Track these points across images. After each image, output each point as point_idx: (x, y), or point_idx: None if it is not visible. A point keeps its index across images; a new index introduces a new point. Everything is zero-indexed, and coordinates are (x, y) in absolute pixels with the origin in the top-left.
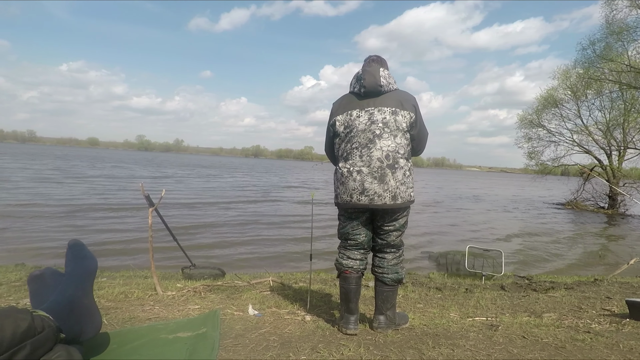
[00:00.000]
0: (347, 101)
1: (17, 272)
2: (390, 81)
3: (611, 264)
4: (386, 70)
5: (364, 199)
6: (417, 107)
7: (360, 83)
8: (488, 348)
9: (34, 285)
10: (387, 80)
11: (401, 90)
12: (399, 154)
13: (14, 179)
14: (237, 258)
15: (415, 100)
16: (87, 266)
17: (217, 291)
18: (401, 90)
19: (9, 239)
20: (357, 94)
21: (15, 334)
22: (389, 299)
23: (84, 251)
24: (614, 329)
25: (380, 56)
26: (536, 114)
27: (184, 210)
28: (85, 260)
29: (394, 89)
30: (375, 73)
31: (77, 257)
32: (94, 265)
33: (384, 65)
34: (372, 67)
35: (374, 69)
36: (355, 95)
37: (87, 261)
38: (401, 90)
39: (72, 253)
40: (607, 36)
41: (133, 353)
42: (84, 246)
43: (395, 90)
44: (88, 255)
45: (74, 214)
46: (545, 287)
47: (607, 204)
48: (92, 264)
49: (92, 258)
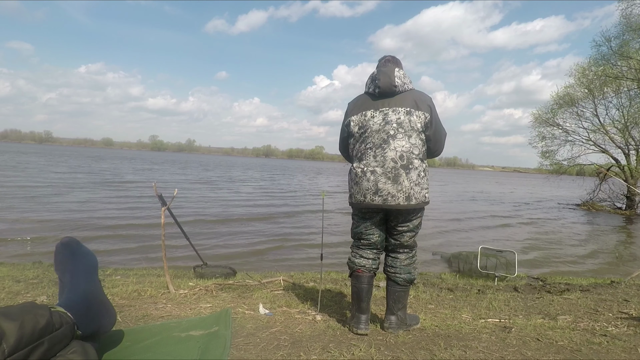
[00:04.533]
0: (361, 101)
1: (34, 269)
2: (406, 81)
3: (629, 265)
4: (401, 70)
5: (378, 199)
6: (432, 107)
7: (375, 83)
8: (501, 350)
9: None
10: (402, 80)
11: (417, 90)
12: (413, 155)
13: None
14: (249, 257)
15: (431, 101)
16: (90, 261)
17: (229, 290)
18: (417, 90)
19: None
20: (371, 94)
21: (35, 330)
22: (401, 299)
23: (81, 248)
24: (631, 333)
25: (395, 56)
26: (551, 113)
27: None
28: (87, 256)
29: (409, 89)
30: (390, 73)
31: (76, 253)
32: (95, 260)
33: (399, 65)
34: (387, 67)
35: (389, 69)
36: (370, 95)
37: (89, 257)
38: (417, 90)
39: (69, 251)
40: (624, 32)
41: (146, 351)
42: (80, 243)
43: (410, 90)
44: (87, 251)
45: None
46: (560, 289)
47: (624, 205)
48: (93, 259)
49: (91, 254)
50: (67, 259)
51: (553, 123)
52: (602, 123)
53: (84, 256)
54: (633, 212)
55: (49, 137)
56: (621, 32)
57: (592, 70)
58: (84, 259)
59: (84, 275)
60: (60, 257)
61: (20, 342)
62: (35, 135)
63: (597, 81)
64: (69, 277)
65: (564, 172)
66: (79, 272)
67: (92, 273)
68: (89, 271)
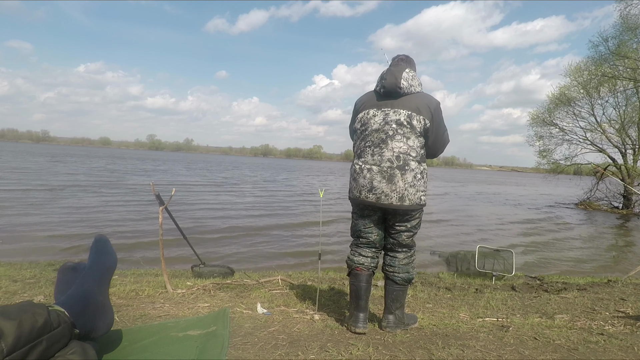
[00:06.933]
0: (367, 99)
1: (31, 269)
2: (413, 83)
3: (625, 264)
4: (412, 71)
5: (372, 196)
6: (435, 113)
7: (381, 83)
8: (499, 349)
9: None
10: (409, 82)
11: (424, 93)
12: (410, 156)
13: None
14: (247, 256)
15: (438, 106)
16: (107, 261)
17: (227, 289)
18: (424, 93)
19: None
20: (377, 93)
21: (33, 330)
22: (399, 299)
23: (107, 247)
24: (628, 331)
25: (409, 56)
26: (548, 112)
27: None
28: (107, 256)
29: (415, 91)
30: (397, 74)
31: (100, 252)
32: (113, 261)
33: (411, 66)
34: (398, 67)
35: (399, 69)
36: (376, 94)
37: (108, 257)
38: (424, 93)
39: (96, 247)
40: (621, 32)
41: (144, 351)
42: (108, 242)
43: (417, 93)
44: (110, 251)
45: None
46: (557, 288)
47: (621, 204)
48: (112, 260)
49: (112, 254)
50: (91, 255)
51: (550, 122)
52: (599, 122)
53: (104, 256)
54: (630, 211)
55: (46, 136)
56: (618, 32)
57: (588, 70)
58: (104, 258)
59: (95, 273)
60: (90, 253)
61: (19, 341)
62: (33, 134)
63: (593, 81)
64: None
65: (561, 171)
66: (91, 270)
67: (103, 273)
68: (101, 271)
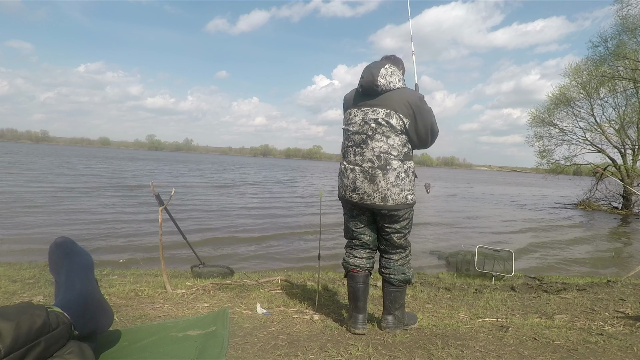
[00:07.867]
0: (349, 97)
1: (30, 269)
2: (392, 79)
3: (625, 265)
4: (392, 67)
5: (355, 196)
6: (417, 108)
7: (360, 81)
8: (498, 349)
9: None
10: (387, 79)
11: (406, 89)
12: (391, 156)
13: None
14: (246, 257)
15: (420, 101)
16: (85, 260)
17: (226, 290)
18: (406, 89)
19: None
20: (357, 92)
21: (31, 330)
22: (397, 300)
23: (76, 247)
24: (627, 332)
25: (396, 55)
26: (548, 112)
27: None
28: (82, 256)
29: (395, 87)
30: (375, 71)
31: (71, 253)
32: (90, 259)
33: (395, 63)
34: (377, 63)
35: (378, 65)
36: (357, 92)
37: (83, 256)
38: (406, 89)
39: (62, 250)
40: (620, 33)
41: (143, 351)
42: (75, 242)
43: (397, 89)
44: (81, 250)
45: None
46: (557, 288)
47: (621, 204)
48: (88, 258)
49: (86, 253)
50: (62, 259)
51: (550, 122)
52: (599, 122)
53: (78, 255)
54: (629, 211)
55: (46, 136)
56: (617, 32)
57: (588, 70)
58: (79, 258)
59: (80, 274)
60: (55, 257)
61: (17, 342)
62: (32, 134)
63: (593, 81)
64: (64, 277)
65: (561, 171)
66: (74, 272)
67: (87, 272)
68: (85, 270)
